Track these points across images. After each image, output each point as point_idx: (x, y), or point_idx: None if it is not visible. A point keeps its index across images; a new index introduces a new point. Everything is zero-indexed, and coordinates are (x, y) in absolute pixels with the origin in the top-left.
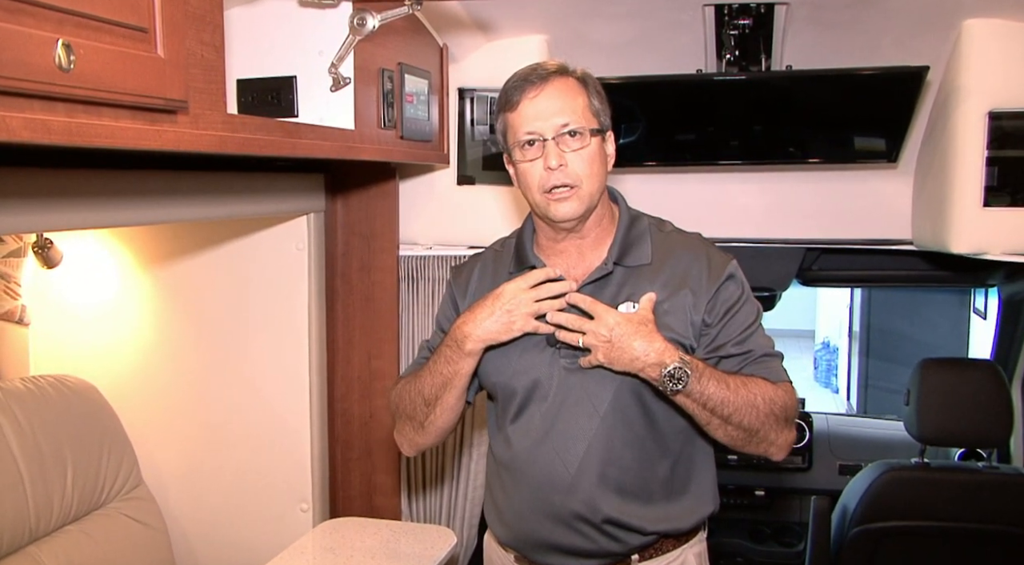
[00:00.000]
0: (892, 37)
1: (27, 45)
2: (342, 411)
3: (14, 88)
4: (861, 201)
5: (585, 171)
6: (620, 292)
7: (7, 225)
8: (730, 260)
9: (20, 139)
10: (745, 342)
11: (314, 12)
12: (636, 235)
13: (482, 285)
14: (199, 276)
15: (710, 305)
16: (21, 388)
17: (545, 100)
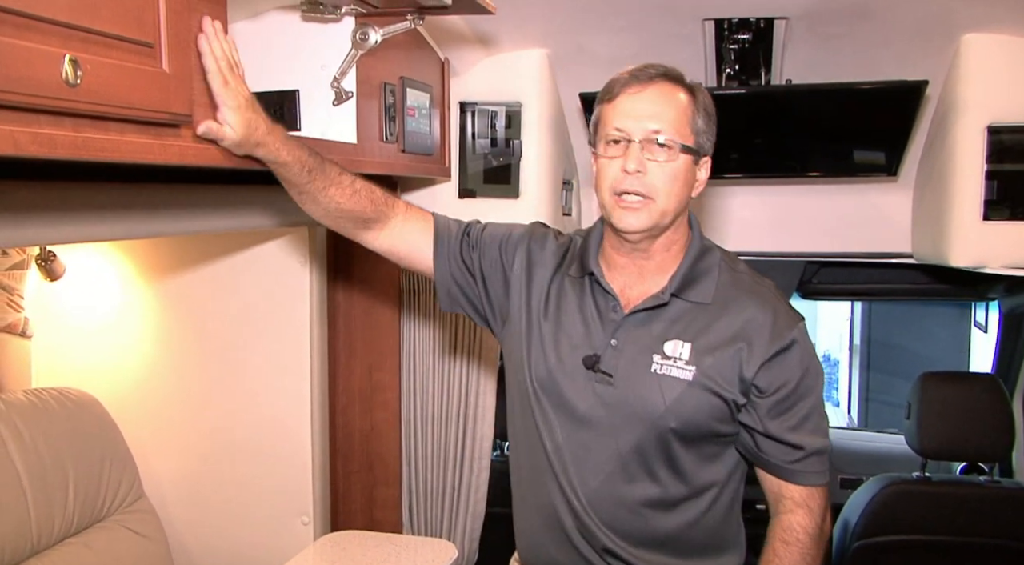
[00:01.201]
0: (891, 52)
1: (35, 61)
2: (343, 423)
3: (22, 103)
4: (861, 214)
5: (664, 186)
6: (671, 328)
7: (11, 238)
8: (798, 322)
9: (28, 154)
10: (796, 431)
11: (317, 27)
12: (703, 269)
13: (537, 265)
14: (201, 289)
15: (765, 369)
16: (23, 400)
17: (644, 101)
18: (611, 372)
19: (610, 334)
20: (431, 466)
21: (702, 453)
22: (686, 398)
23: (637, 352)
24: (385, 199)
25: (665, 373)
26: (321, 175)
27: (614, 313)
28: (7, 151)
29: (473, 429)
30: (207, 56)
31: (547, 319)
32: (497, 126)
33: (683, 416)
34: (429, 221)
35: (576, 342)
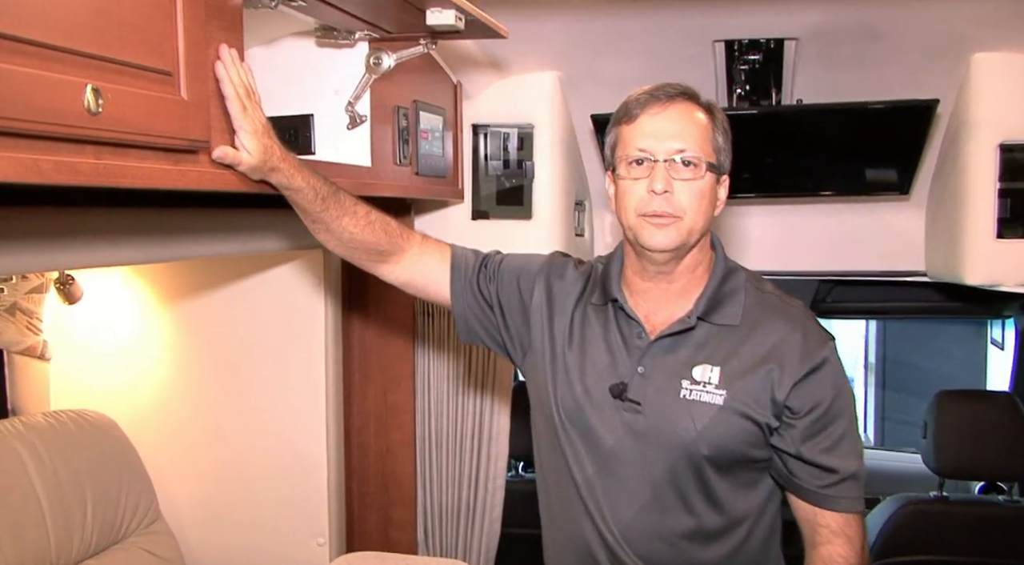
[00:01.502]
0: (901, 71)
1: (58, 91)
2: (358, 445)
3: (45, 132)
4: (874, 233)
5: (692, 204)
6: (698, 353)
7: (31, 263)
8: (828, 341)
9: (51, 181)
10: (829, 453)
11: (331, 52)
12: (729, 290)
13: (558, 295)
14: (217, 312)
15: (797, 389)
16: (42, 423)
17: (666, 120)
18: (639, 400)
19: (636, 361)
20: (446, 487)
21: (737, 480)
22: (718, 423)
23: (665, 378)
24: (401, 231)
25: (695, 398)
26: (335, 204)
27: (639, 340)
28: (31, 179)
29: (488, 449)
30: (225, 83)
31: (571, 349)
32: (509, 148)
33: (715, 442)
34: (446, 253)
35: (602, 371)
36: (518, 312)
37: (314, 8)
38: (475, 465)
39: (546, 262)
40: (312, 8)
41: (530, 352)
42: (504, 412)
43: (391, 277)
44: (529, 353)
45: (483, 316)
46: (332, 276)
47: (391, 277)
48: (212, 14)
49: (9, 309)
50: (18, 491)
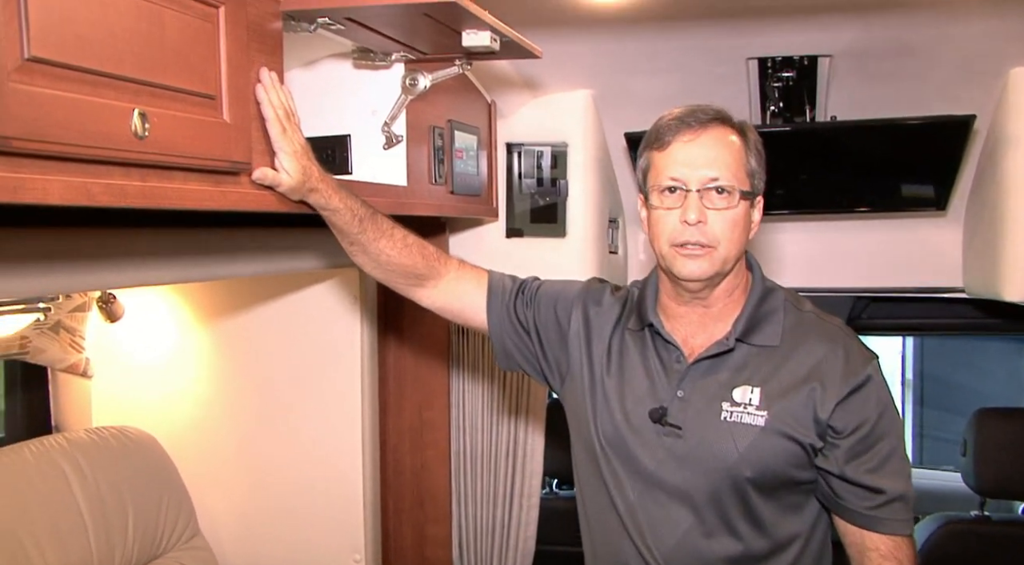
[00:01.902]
0: (937, 87)
1: (107, 116)
2: (393, 462)
3: (95, 156)
4: (910, 249)
5: (725, 234)
6: (738, 375)
7: (77, 283)
8: (871, 359)
9: (99, 203)
10: (876, 473)
11: (368, 73)
12: (767, 311)
13: (596, 321)
14: (254, 329)
15: (840, 408)
16: (85, 439)
17: (699, 147)
18: (679, 424)
19: (675, 385)
20: (481, 504)
21: (782, 503)
22: (760, 444)
23: (705, 401)
24: (437, 255)
25: (736, 420)
26: (373, 225)
27: (678, 363)
28: (81, 201)
29: (522, 466)
30: (265, 105)
31: (610, 375)
32: (543, 166)
33: (758, 464)
34: (483, 278)
35: (641, 396)
36: (555, 338)
37: (351, 31)
38: (510, 482)
39: (583, 288)
40: (350, 31)
41: (568, 378)
42: (539, 429)
43: (427, 301)
44: (567, 379)
45: (520, 342)
46: (368, 293)
47: (427, 301)
48: (253, 38)
49: (53, 327)
50: (62, 506)
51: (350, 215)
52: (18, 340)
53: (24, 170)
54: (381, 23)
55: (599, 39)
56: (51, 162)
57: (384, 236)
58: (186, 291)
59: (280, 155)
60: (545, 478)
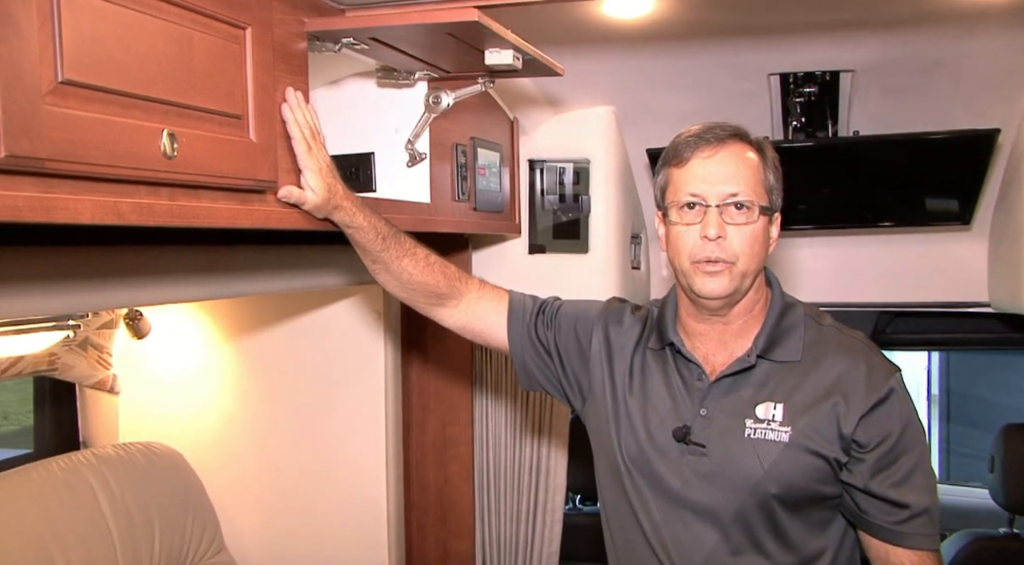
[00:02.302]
0: (960, 101)
1: (137, 136)
2: (417, 477)
3: (126, 176)
4: (935, 263)
5: (745, 249)
6: (760, 391)
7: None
8: (894, 372)
9: (129, 222)
10: (901, 486)
11: (392, 92)
12: (787, 326)
13: (617, 341)
14: (279, 346)
15: (865, 422)
16: (112, 454)
17: (718, 163)
18: (703, 442)
19: (698, 404)
20: (504, 519)
21: (809, 520)
22: (785, 460)
23: (728, 419)
24: (459, 275)
25: (760, 437)
26: (395, 244)
27: (700, 382)
28: (111, 220)
29: (546, 482)
30: (291, 124)
31: (632, 395)
32: (566, 182)
33: (783, 480)
34: (504, 298)
35: (664, 415)
36: (577, 359)
37: (376, 50)
38: (533, 498)
39: (603, 309)
40: (374, 50)
41: (590, 399)
42: (562, 444)
43: (449, 321)
44: (589, 399)
45: (541, 362)
46: (391, 309)
47: (449, 321)
48: (279, 59)
49: (81, 344)
50: (89, 521)
51: (373, 233)
52: (47, 357)
53: (56, 190)
54: (405, 42)
55: (621, 56)
56: (82, 182)
57: (407, 255)
58: (211, 308)
59: (306, 173)
60: (568, 494)
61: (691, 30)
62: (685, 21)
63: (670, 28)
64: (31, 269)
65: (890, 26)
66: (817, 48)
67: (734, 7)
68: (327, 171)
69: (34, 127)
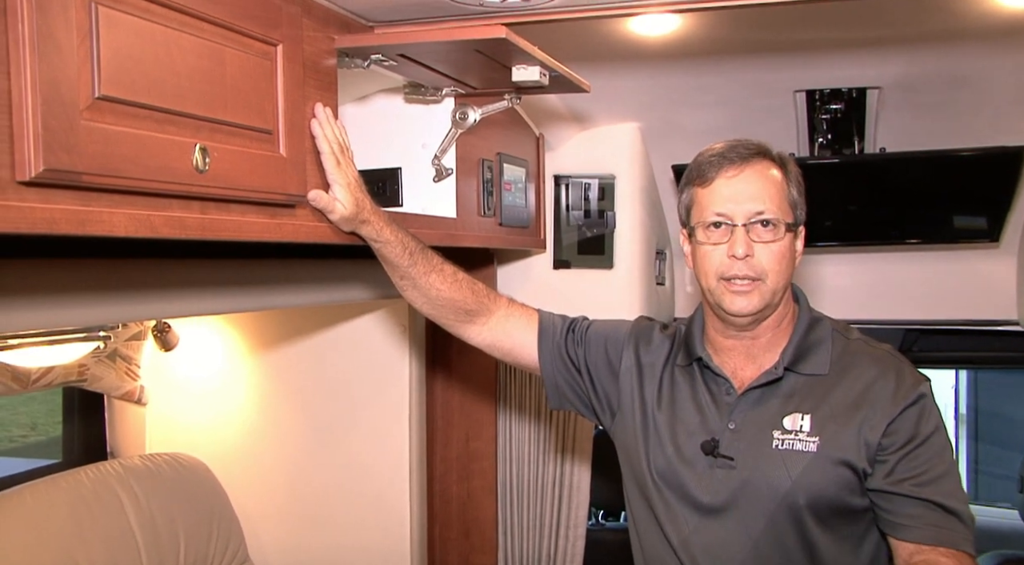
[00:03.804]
0: (987, 118)
1: (170, 151)
2: (440, 491)
3: (158, 190)
4: (962, 281)
5: (773, 266)
6: (788, 403)
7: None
8: (922, 381)
9: (161, 235)
10: (928, 486)
11: (419, 108)
12: (815, 340)
13: (646, 359)
14: (304, 359)
15: (892, 428)
16: (139, 465)
17: (743, 182)
18: (732, 455)
19: (727, 417)
20: (527, 534)
21: (839, 534)
22: (813, 471)
23: (756, 431)
24: (488, 293)
25: (788, 448)
26: (423, 259)
27: (728, 395)
28: (144, 233)
29: (568, 497)
30: (320, 139)
31: (661, 411)
32: (591, 198)
33: (812, 490)
34: (533, 317)
35: (693, 429)
36: (607, 376)
37: (404, 67)
38: (556, 513)
39: (633, 328)
40: (402, 67)
41: (619, 415)
42: (585, 460)
43: (477, 339)
44: (618, 416)
45: (572, 380)
46: (416, 323)
47: (477, 339)
48: (309, 75)
49: (110, 356)
50: (116, 530)
51: (400, 248)
52: (77, 368)
53: (92, 204)
54: (433, 59)
55: (647, 73)
56: (117, 196)
57: (434, 271)
58: (238, 321)
59: (334, 187)
60: (591, 509)
61: (717, 47)
62: (711, 38)
63: (696, 45)
64: (63, 280)
65: (916, 43)
66: (843, 65)
67: (760, 25)
68: (355, 186)
69: (72, 141)
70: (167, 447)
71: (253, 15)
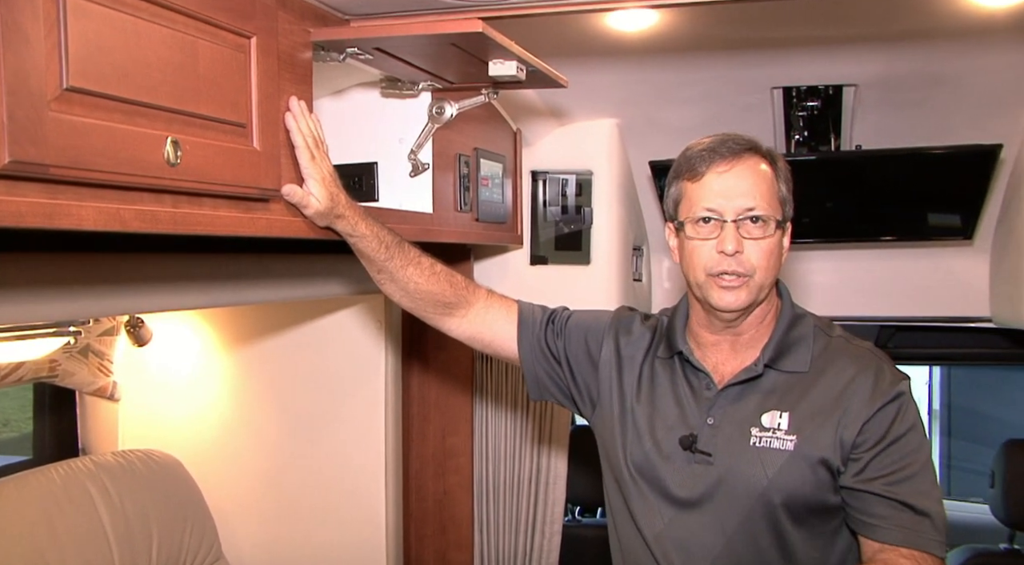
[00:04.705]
0: (963, 116)
1: (141, 144)
2: (416, 488)
3: (128, 183)
4: (936, 278)
5: (762, 262)
6: (767, 400)
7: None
8: (901, 380)
9: (131, 229)
10: (900, 486)
11: (395, 102)
12: (796, 337)
13: (627, 350)
14: (280, 355)
15: (867, 426)
16: (111, 462)
17: (734, 178)
18: (710, 451)
19: (705, 412)
20: (503, 531)
21: (813, 531)
22: (789, 469)
23: (734, 428)
24: (466, 284)
25: (765, 446)
26: (400, 253)
27: (708, 390)
28: (114, 227)
29: (545, 494)
30: (295, 133)
31: (640, 403)
32: (568, 194)
33: (788, 488)
34: (513, 308)
35: (671, 423)
36: (586, 367)
37: (380, 60)
38: (532, 509)
39: (613, 318)
40: (378, 60)
41: (599, 406)
42: (562, 456)
43: (457, 331)
44: (598, 407)
45: (552, 371)
46: (393, 319)
47: (457, 331)
48: (284, 68)
49: (82, 351)
50: (87, 529)
51: (376, 242)
52: (48, 363)
53: (60, 196)
54: (409, 53)
55: (625, 69)
56: (86, 189)
57: (411, 264)
58: (213, 316)
59: (309, 182)
60: (568, 505)
61: (695, 44)
62: (689, 35)
63: (674, 41)
64: (33, 275)
65: (893, 41)
66: (820, 62)
67: (738, 21)
68: (330, 180)
69: (39, 133)
70: (140, 444)
71: (227, 7)
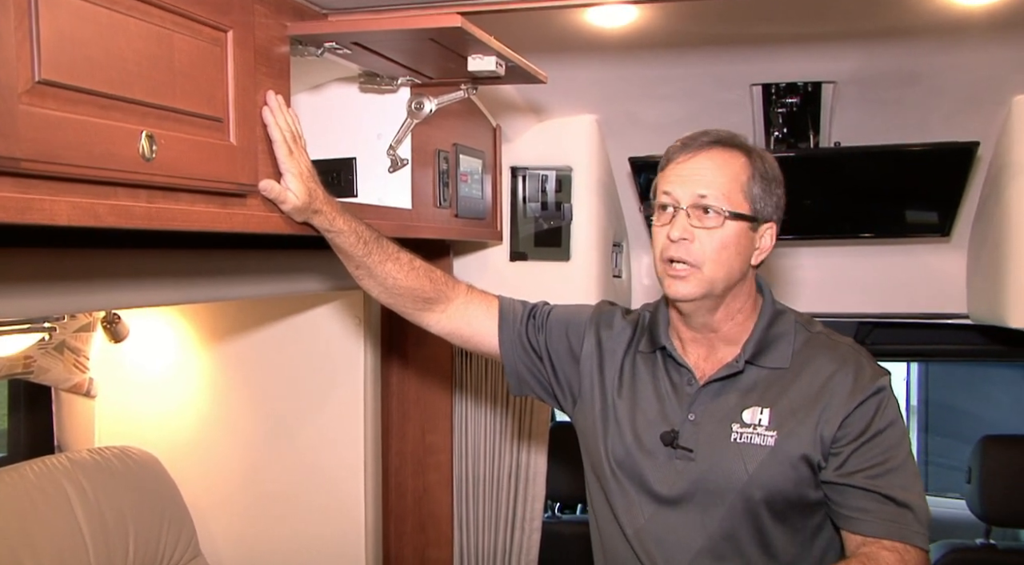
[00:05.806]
0: (941, 113)
1: (115, 138)
2: (396, 485)
3: (102, 177)
4: (914, 275)
5: (711, 254)
6: (748, 396)
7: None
8: (881, 376)
9: (106, 224)
10: (880, 479)
11: (374, 97)
12: (777, 334)
13: (608, 344)
14: (258, 351)
15: (847, 421)
16: (87, 459)
17: (692, 167)
18: (691, 447)
19: (687, 408)
20: (483, 528)
21: (793, 527)
22: (770, 465)
23: (715, 424)
24: (446, 280)
25: (745, 442)
26: (378, 248)
27: (689, 386)
28: (88, 222)
29: (525, 490)
30: (272, 128)
31: (621, 398)
32: (548, 190)
33: (768, 484)
34: (493, 303)
35: (652, 419)
36: (568, 362)
37: (358, 55)
38: (512, 506)
39: (595, 312)
40: (356, 55)
41: (580, 401)
42: (542, 453)
43: (436, 327)
44: (579, 402)
45: (533, 366)
46: (372, 315)
47: (436, 327)
48: (261, 62)
49: (57, 347)
50: (63, 526)
51: (355, 237)
52: (22, 360)
53: (33, 191)
54: (387, 48)
55: (604, 65)
56: (59, 183)
57: (390, 259)
58: (191, 312)
59: (286, 177)
60: (548, 502)
61: (674, 40)
62: (668, 31)
63: (654, 38)
64: (6, 270)
65: (872, 38)
66: (799, 59)
67: (717, 18)
68: (308, 175)
69: (10, 127)
70: (117, 440)
71: (203, 0)
